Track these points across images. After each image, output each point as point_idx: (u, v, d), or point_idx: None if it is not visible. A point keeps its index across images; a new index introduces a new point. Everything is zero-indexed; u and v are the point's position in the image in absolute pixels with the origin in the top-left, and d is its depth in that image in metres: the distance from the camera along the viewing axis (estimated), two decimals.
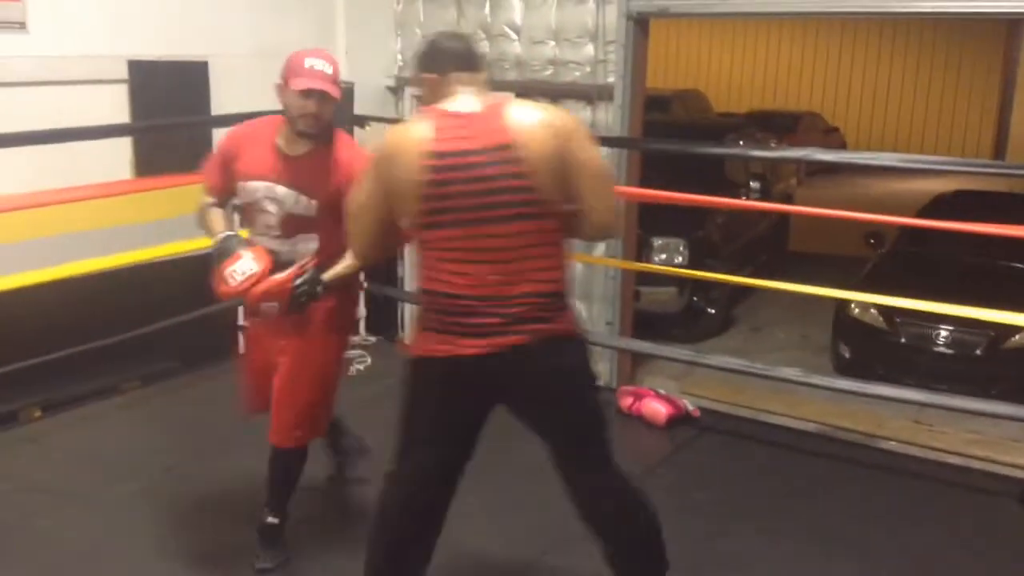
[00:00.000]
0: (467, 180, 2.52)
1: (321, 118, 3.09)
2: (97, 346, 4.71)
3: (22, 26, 4.64)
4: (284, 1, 5.86)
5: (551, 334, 2.66)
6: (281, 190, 3.14)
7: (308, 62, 3.07)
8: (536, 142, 2.53)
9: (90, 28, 4.92)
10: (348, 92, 5.18)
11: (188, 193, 5.27)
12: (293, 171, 3.13)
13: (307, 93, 3.04)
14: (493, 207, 2.53)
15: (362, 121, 5.79)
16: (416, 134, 2.58)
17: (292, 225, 3.17)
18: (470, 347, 2.62)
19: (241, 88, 5.45)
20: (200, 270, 5.53)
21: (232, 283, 3.08)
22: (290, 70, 3.09)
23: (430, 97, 2.70)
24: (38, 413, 4.76)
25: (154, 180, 4.98)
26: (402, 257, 5.96)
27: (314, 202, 3.13)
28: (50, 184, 4.45)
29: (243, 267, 3.07)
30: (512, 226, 2.55)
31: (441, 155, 2.53)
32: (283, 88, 3.11)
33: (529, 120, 2.57)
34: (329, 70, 3.09)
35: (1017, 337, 5.62)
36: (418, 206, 2.55)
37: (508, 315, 2.60)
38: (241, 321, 3.26)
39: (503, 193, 2.53)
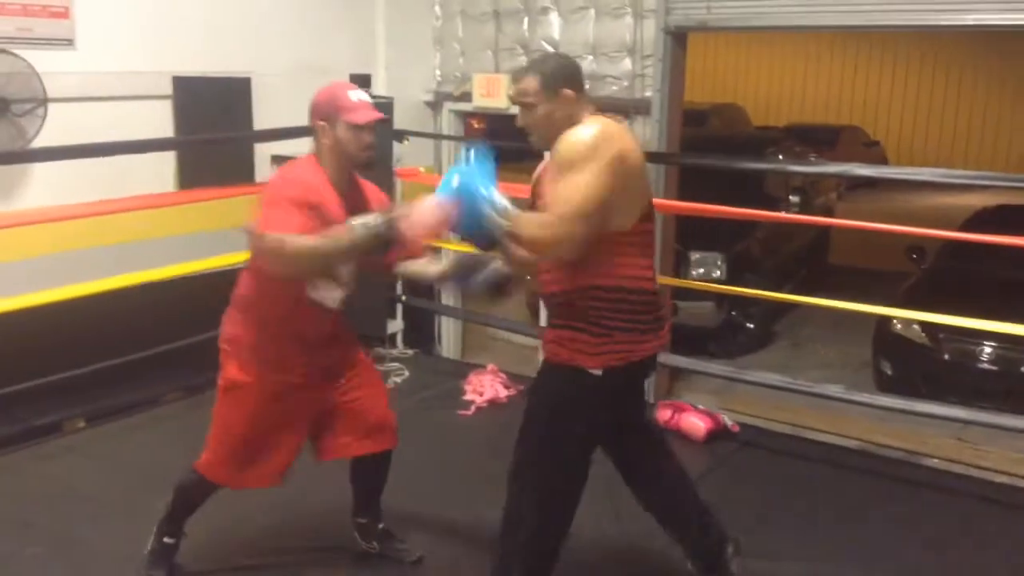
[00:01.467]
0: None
1: (374, 147, 3.05)
2: (140, 357, 4.78)
3: (70, 43, 4.75)
4: (325, 18, 5.93)
5: None
6: None
7: (353, 95, 2.99)
8: None
9: (136, 45, 5.02)
10: (388, 107, 5.23)
11: (231, 206, 5.38)
12: (352, 205, 3.01)
13: (366, 125, 2.97)
14: None
15: (401, 136, 5.84)
16: (628, 133, 2.79)
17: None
18: (657, 343, 2.83)
19: (282, 104, 5.53)
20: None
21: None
22: (337, 107, 2.94)
23: (562, 111, 2.74)
24: (82, 423, 4.83)
25: (198, 192, 5.06)
26: None
27: None
28: (97, 196, 4.55)
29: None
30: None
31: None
32: (330, 126, 2.94)
33: None
34: (368, 97, 3.08)
35: None
36: (645, 200, 2.78)
37: (662, 307, 2.90)
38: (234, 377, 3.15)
39: None
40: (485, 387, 5.17)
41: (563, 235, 2.58)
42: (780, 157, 8.01)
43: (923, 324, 5.77)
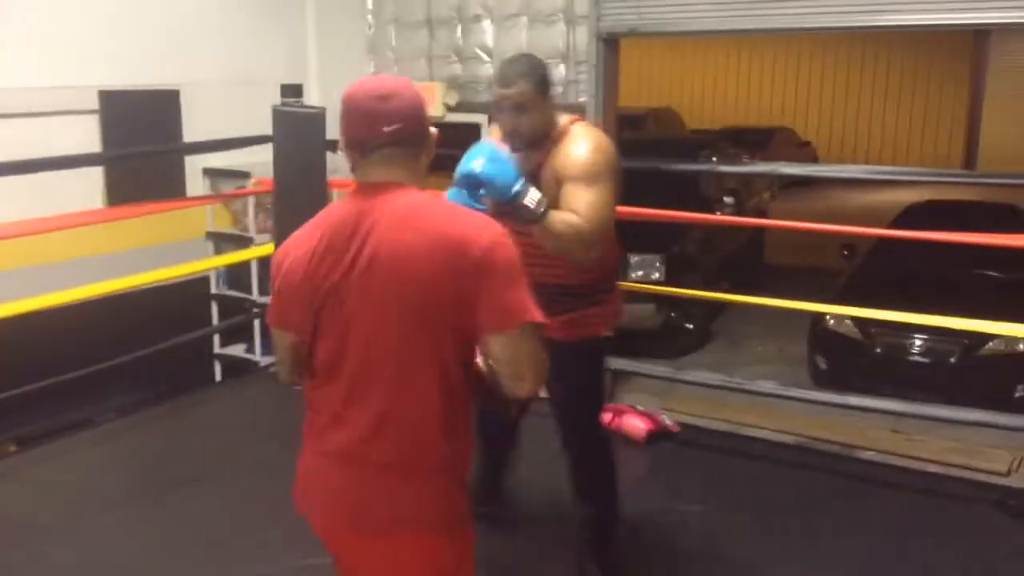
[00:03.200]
0: None
1: None
2: (71, 378, 4.67)
3: None
4: (255, 28, 5.87)
5: None
6: None
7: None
8: None
9: (60, 59, 4.92)
10: (320, 117, 5.19)
11: (161, 221, 5.30)
12: None
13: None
14: None
15: (335, 146, 5.79)
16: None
17: None
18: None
19: (213, 115, 5.47)
20: (174, 298, 5.57)
21: None
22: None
23: (549, 113, 2.98)
24: (13, 447, 4.71)
25: (127, 209, 4.97)
26: None
27: None
28: (21, 215, 4.43)
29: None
30: None
31: None
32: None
33: None
34: None
35: (991, 344, 5.67)
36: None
37: None
38: None
39: None
40: None
41: (588, 239, 2.82)
42: (714, 159, 8.10)
43: (856, 319, 5.88)
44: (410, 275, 1.84)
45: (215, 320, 5.90)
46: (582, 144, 2.93)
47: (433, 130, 2.05)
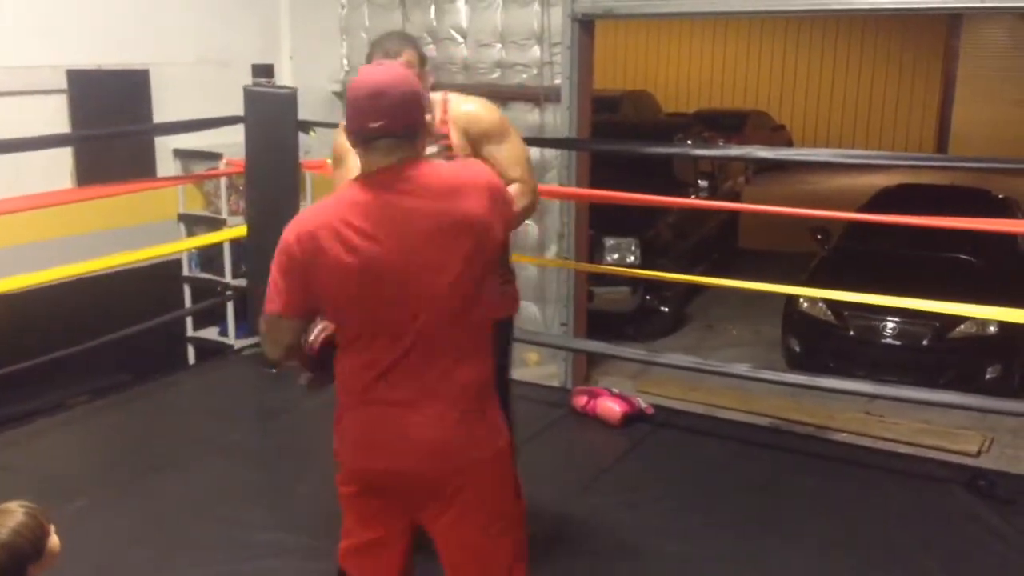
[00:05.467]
0: None
1: None
2: (43, 361, 4.61)
3: None
4: (227, 7, 5.80)
5: None
6: None
7: None
8: None
9: (27, 38, 4.84)
10: (292, 98, 5.14)
11: (131, 202, 5.23)
12: None
13: None
14: None
15: (307, 127, 5.74)
16: None
17: None
18: None
19: (183, 96, 5.40)
20: (145, 281, 5.51)
21: None
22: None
23: (427, 89, 2.89)
24: None
25: (96, 189, 4.90)
26: None
27: None
28: None
29: None
30: None
31: None
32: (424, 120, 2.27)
33: None
34: None
35: (962, 327, 5.74)
36: None
37: None
38: None
39: None
40: None
41: (534, 187, 3.08)
42: (689, 143, 8.11)
43: (828, 302, 5.92)
44: (457, 229, 2.10)
45: (187, 303, 5.84)
46: (471, 103, 3.10)
47: (429, 116, 2.27)
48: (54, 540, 2.13)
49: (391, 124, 2.08)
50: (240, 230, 5.48)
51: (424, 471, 2.18)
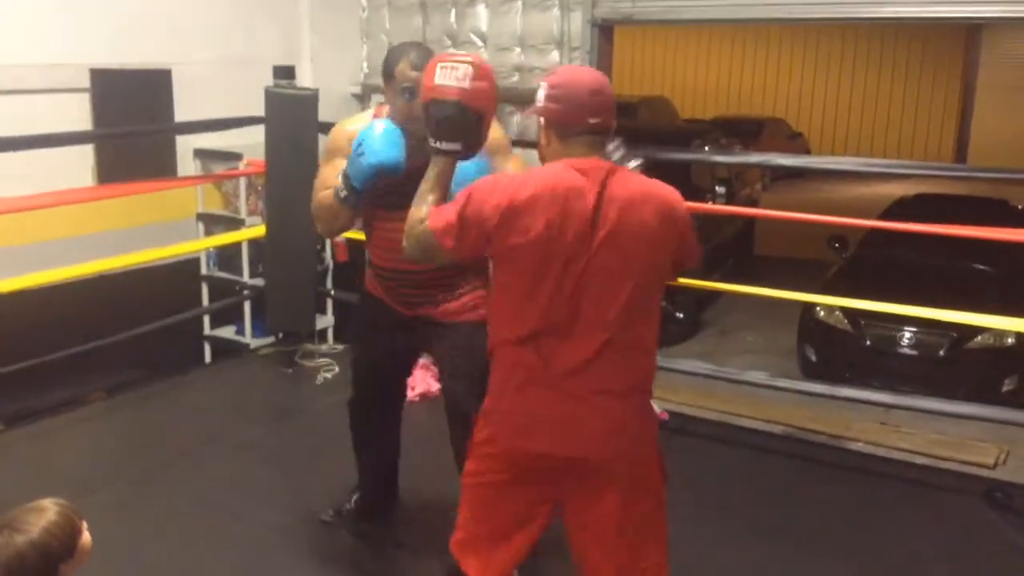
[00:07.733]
0: None
1: None
2: (61, 357, 4.65)
3: None
4: (249, 9, 5.83)
5: None
6: None
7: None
8: None
9: (52, 37, 4.87)
10: (313, 99, 5.16)
11: (151, 201, 5.27)
12: None
13: None
14: None
15: (327, 128, 5.76)
16: None
17: None
18: None
19: (205, 96, 5.43)
20: (163, 279, 5.54)
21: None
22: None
23: None
24: (1, 427, 4.69)
25: (117, 187, 4.93)
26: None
27: None
28: (10, 193, 4.40)
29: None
30: None
31: None
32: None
33: None
34: None
35: (979, 338, 5.71)
36: None
37: None
38: None
39: None
40: (417, 381, 5.14)
41: None
42: (706, 149, 8.10)
43: (845, 311, 5.90)
44: (646, 238, 2.19)
45: (205, 301, 5.88)
46: (495, 126, 3.10)
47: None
48: (86, 538, 2.13)
49: (608, 121, 2.22)
50: (258, 230, 5.50)
51: (592, 456, 2.24)
